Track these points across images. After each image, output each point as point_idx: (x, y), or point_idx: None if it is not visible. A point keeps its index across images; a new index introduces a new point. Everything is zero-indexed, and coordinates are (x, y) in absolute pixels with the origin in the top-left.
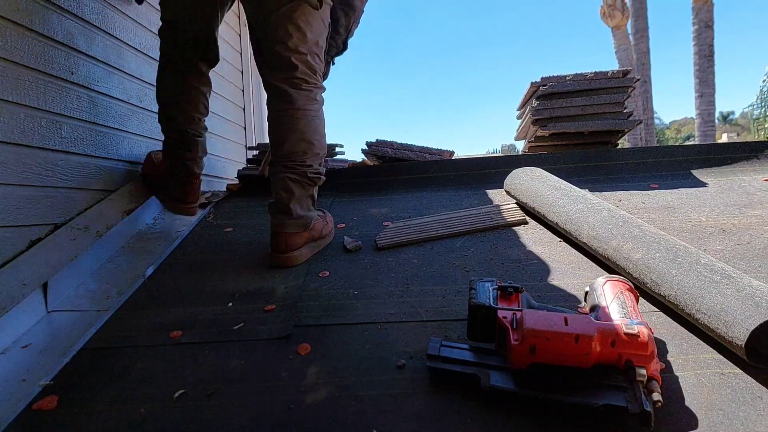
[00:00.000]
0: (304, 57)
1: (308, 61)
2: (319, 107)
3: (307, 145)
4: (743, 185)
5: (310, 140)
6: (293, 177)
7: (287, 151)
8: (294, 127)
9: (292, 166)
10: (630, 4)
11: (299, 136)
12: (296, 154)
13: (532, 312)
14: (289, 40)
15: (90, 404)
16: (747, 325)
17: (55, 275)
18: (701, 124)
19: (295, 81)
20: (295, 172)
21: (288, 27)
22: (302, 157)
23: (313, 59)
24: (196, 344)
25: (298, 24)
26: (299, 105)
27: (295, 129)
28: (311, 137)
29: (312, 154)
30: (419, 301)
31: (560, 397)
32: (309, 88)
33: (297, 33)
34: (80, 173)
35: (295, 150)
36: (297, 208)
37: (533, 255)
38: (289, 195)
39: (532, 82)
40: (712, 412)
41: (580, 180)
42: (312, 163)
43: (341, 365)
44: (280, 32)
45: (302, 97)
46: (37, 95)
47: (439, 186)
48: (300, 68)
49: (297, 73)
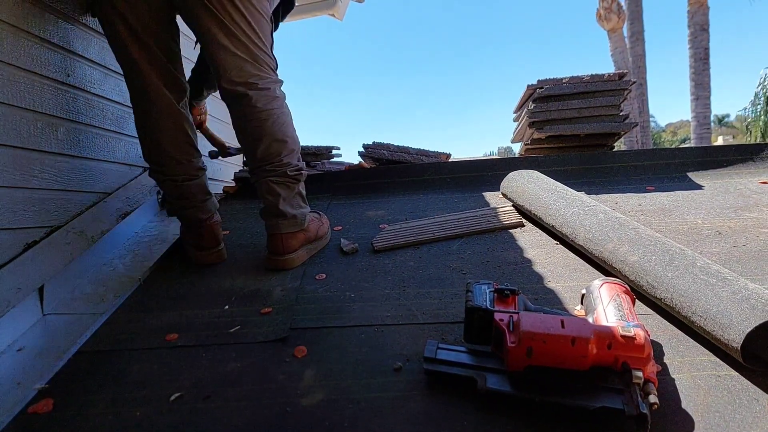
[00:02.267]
0: (250, 54)
1: (256, 57)
2: (281, 102)
3: (280, 144)
4: (739, 188)
5: (282, 138)
6: (275, 179)
7: (262, 156)
8: (262, 130)
9: (271, 168)
10: (626, 8)
11: (270, 138)
12: (272, 156)
13: (529, 314)
14: (229, 40)
15: (86, 407)
16: (743, 328)
17: (51, 278)
18: (697, 127)
19: (249, 82)
20: (276, 173)
21: (223, 27)
22: (278, 158)
23: (260, 54)
24: (193, 347)
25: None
26: (261, 106)
27: (264, 132)
28: (282, 135)
29: (287, 152)
30: (416, 303)
31: (557, 399)
32: (266, 86)
33: (236, 30)
34: (76, 175)
35: (270, 152)
36: (288, 208)
37: (530, 258)
38: (276, 198)
39: (528, 85)
40: (708, 415)
41: (577, 182)
42: (289, 161)
43: (338, 368)
44: (216, 34)
45: (262, 96)
46: (33, 97)
47: (435, 188)
48: (249, 67)
49: (247, 73)
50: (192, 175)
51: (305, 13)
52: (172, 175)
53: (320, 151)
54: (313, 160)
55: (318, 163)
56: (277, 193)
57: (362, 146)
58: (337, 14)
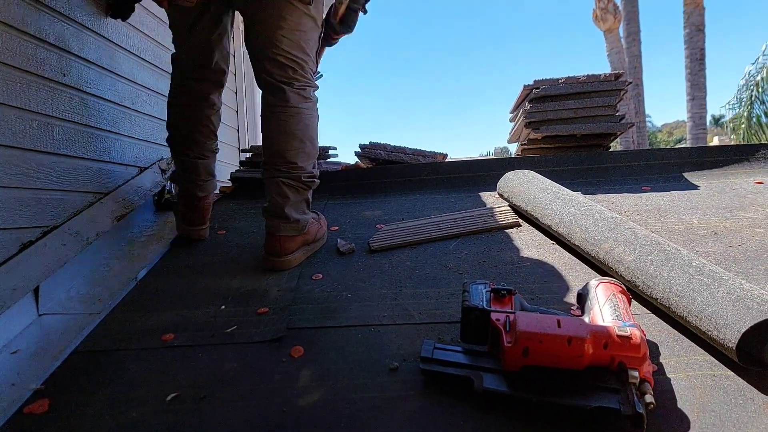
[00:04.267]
0: (295, 54)
1: (299, 58)
2: (312, 105)
3: (299, 144)
4: (735, 188)
5: (302, 139)
6: (288, 182)
7: (278, 150)
8: (286, 125)
9: (286, 170)
10: (622, 8)
11: (291, 134)
12: (288, 153)
13: (525, 314)
14: (280, 37)
15: (82, 408)
16: (738, 328)
17: (47, 279)
18: (693, 127)
19: (288, 78)
20: (290, 176)
21: (279, 24)
22: (294, 158)
23: (304, 56)
24: (189, 347)
25: (288, 21)
26: (293, 103)
27: (287, 127)
28: (303, 136)
29: (303, 154)
30: (412, 303)
31: (553, 399)
32: (302, 86)
33: (287, 31)
34: (72, 175)
35: (287, 149)
36: (292, 212)
37: (526, 257)
38: (284, 200)
39: (524, 85)
40: (704, 414)
41: (573, 183)
42: (305, 166)
43: (334, 368)
44: (271, 29)
45: (295, 94)
46: (29, 97)
47: (432, 189)
48: (292, 65)
49: (289, 70)
50: (203, 155)
51: None
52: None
53: None
54: None
55: None
56: (286, 196)
57: (359, 146)
58: None
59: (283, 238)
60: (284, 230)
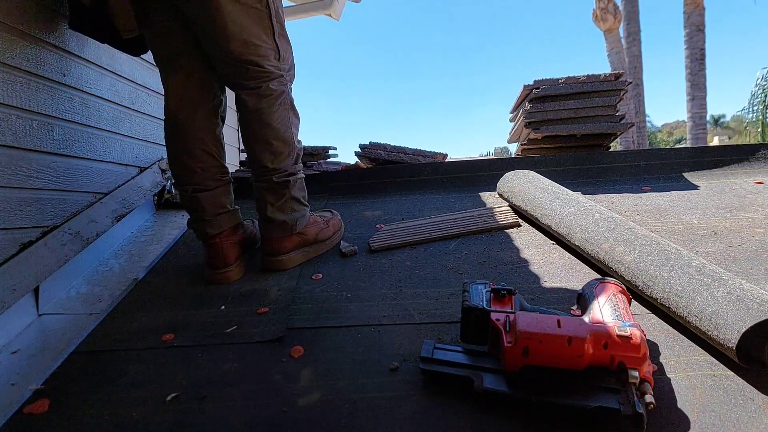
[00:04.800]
0: (243, 52)
1: (251, 54)
2: (273, 101)
3: (265, 147)
4: (735, 188)
5: (267, 140)
6: (263, 185)
7: (249, 154)
8: (250, 129)
9: (260, 173)
10: (622, 8)
11: (254, 139)
12: (257, 157)
13: (525, 314)
14: (224, 38)
15: (82, 408)
16: (738, 328)
17: (47, 279)
18: (693, 127)
19: (242, 81)
20: (263, 179)
21: (218, 24)
22: (264, 161)
23: (256, 50)
24: (189, 347)
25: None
26: (251, 106)
27: (250, 132)
28: (267, 137)
29: (270, 155)
30: (412, 303)
31: (553, 399)
32: (257, 84)
33: (229, 29)
34: (72, 176)
35: (256, 153)
36: (276, 214)
37: (526, 258)
38: (263, 204)
39: (524, 85)
40: (704, 414)
41: (573, 183)
42: (276, 167)
43: (334, 368)
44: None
45: (252, 96)
46: (29, 97)
47: (432, 189)
48: (244, 66)
49: (242, 70)
50: (205, 186)
51: (302, 13)
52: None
53: (317, 151)
54: (310, 160)
55: (315, 163)
56: (265, 200)
57: (359, 146)
58: (333, 14)
59: (274, 240)
60: (273, 232)
